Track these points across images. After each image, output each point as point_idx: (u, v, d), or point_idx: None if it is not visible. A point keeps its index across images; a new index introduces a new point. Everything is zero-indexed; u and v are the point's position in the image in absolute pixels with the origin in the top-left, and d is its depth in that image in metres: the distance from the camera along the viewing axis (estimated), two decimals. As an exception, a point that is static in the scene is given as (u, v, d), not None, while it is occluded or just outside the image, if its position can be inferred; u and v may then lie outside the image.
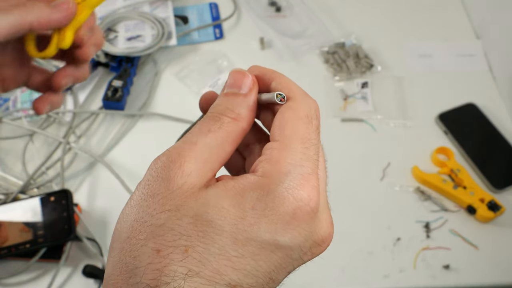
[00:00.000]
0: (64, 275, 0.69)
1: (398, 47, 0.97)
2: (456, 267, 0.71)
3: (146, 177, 0.26)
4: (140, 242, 0.24)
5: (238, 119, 0.28)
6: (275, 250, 0.24)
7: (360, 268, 0.71)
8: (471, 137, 0.84)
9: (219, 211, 0.24)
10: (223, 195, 0.25)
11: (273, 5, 1.02)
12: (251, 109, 0.29)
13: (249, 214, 0.24)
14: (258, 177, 0.26)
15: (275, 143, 0.27)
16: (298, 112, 0.28)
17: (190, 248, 0.23)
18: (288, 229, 0.25)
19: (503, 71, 0.91)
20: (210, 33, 0.98)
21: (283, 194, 0.25)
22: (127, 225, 0.25)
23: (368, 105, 0.88)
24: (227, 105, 0.28)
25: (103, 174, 0.78)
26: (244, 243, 0.24)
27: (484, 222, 0.75)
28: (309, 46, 0.96)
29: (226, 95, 0.29)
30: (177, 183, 0.25)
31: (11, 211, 0.69)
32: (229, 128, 0.27)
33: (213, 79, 0.90)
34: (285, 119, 0.27)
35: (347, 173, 0.80)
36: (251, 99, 0.29)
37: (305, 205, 0.25)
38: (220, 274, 0.23)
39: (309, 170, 0.26)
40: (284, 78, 0.30)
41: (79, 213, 0.71)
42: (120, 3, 0.96)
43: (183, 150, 0.26)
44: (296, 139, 0.27)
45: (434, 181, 0.77)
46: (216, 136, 0.27)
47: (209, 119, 0.28)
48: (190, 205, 0.24)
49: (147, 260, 0.23)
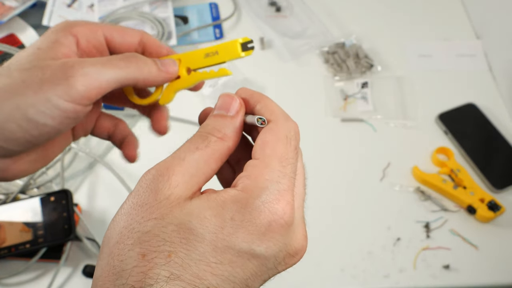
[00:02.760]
0: (64, 275, 0.69)
1: (398, 47, 0.97)
2: (456, 267, 0.71)
3: (136, 188, 0.28)
4: (127, 247, 0.26)
5: (224, 138, 0.30)
6: (251, 258, 0.27)
7: (360, 268, 0.71)
8: (471, 137, 0.84)
9: (201, 221, 0.26)
10: (206, 206, 0.27)
11: (273, 5, 1.02)
12: (237, 130, 0.31)
13: (228, 224, 0.26)
14: (238, 191, 0.28)
15: (255, 161, 0.29)
16: (278, 133, 0.30)
17: (173, 254, 0.25)
18: (263, 239, 0.27)
19: (503, 71, 0.91)
20: (210, 33, 0.98)
21: (260, 207, 0.27)
22: (116, 231, 0.27)
23: (368, 105, 0.88)
24: (215, 125, 0.31)
25: (103, 174, 0.78)
26: (223, 250, 0.26)
27: (484, 222, 0.75)
28: (309, 46, 0.96)
29: (214, 116, 0.32)
30: (164, 194, 0.27)
31: (11, 211, 0.69)
32: (215, 146, 0.30)
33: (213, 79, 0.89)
34: (266, 139, 0.30)
35: (347, 173, 0.80)
36: (238, 121, 0.32)
37: (280, 218, 0.27)
38: (199, 278, 0.25)
39: (285, 187, 0.28)
40: (269, 101, 0.32)
41: (79, 213, 0.71)
42: (120, 3, 0.96)
43: (172, 164, 0.28)
44: (275, 158, 0.29)
45: (434, 181, 0.77)
46: (203, 153, 0.29)
47: (198, 138, 0.30)
48: (175, 215, 0.27)
49: (133, 264, 0.25)
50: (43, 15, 0.91)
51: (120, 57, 0.34)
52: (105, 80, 0.33)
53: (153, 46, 0.38)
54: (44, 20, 0.91)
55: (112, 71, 0.33)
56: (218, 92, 0.88)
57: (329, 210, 0.76)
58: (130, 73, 0.34)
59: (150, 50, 0.38)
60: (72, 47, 0.35)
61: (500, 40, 0.93)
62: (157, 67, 0.35)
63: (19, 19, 0.89)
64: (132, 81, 0.34)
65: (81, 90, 0.32)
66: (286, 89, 0.90)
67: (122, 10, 0.94)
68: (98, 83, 0.32)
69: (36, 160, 0.36)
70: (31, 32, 0.88)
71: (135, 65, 0.34)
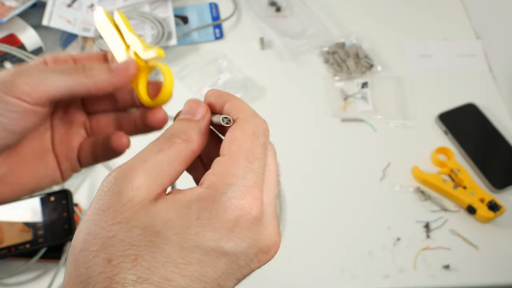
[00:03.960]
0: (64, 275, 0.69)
1: (398, 47, 0.97)
2: (456, 267, 0.71)
3: (98, 192, 0.28)
4: (92, 254, 0.25)
5: (189, 141, 0.30)
6: (220, 256, 0.26)
7: (360, 268, 0.71)
8: (471, 137, 0.84)
9: (166, 223, 0.26)
10: (171, 208, 0.27)
11: (273, 5, 1.02)
12: (202, 134, 0.31)
13: (194, 223, 0.26)
14: (204, 188, 0.28)
15: (222, 158, 0.29)
16: (245, 130, 0.30)
17: (139, 257, 0.25)
18: (231, 236, 0.26)
19: (503, 71, 0.91)
20: (210, 33, 0.98)
21: (226, 203, 0.27)
22: (80, 238, 0.26)
23: (368, 105, 0.88)
24: (180, 128, 0.31)
25: (103, 174, 0.78)
26: (190, 250, 0.25)
27: (484, 222, 0.75)
28: (309, 46, 0.96)
29: (180, 120, 0.32)
30: (127, 196, 0.27)
31: (11, 211, 0.69)
32: (179, 148, 0.30)
33: (213, 79, 0.90)
34: (234, 136, 0.30)
35: (347, 173, 0.80)
36: (203, 125, 0.32)
37: (247, 214, 0.27)
38: (168, 280, 0.25)
39: (251, 182, 0.28)
40: (237, 100, 0.32)
41: (79, 213, 0.71)
42: (120, 3, 0.96)
43: (134, 166, 0.28)
44: (242, 154, 0.29)
45: (434, 181, 0.77)
46: (166, 155, 0.29)
47: (162, 139, 0.30)
48: (140, 218, 0.26)
49: (99, 270, 0.25)
50: (43, 15, 0.91)
51: (69, 66, 0.35)
52: (51, 83, 0.33)
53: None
54: (44, 20, 0.91)
55: (60, 76, 0.33)
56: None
57: (329, 210, 0.76)
58: (79, 78, 0.34)
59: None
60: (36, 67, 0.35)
61: (500, 40, 0.93)
62: (108, 71, 0.34)
63: (19, 19, 0.89)
64: (83, 87, 0.34)
65: (24, 88, 0.32)
66: (286, 89, 0.90)
67: (122, 10, 0.94)
68: (44, 84, 0.33)
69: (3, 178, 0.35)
70: (31, 32, 0.88)
71: (82, 72, 0.34)
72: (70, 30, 0.92)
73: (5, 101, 0.32)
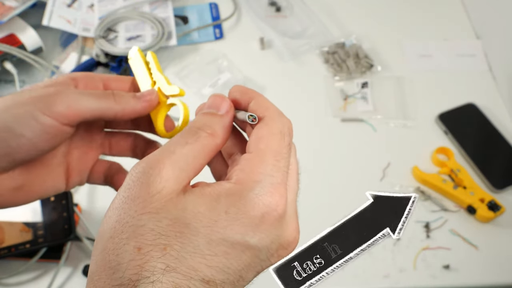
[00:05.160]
0: (64, 275, 0.69)
1: (398, 47, 0.97)
2: (456, 267, 0.71)
3: (126, 181, 0.28)
4: (122, 241, 0.26)
5: (214, 135, 0.31)
6: (245, 250, 0.27)
7: (360, 268, 0.71)
8: (471, 137, 0.84)
9: (195, 215, 0.27)
10: (200, 201, 0.28)
11: (273, 5, 1.02)
12: (226, 129, 0.32)
13: (223, 217, 0.27)
14: (232, 184, 0.29)
15: (250, 155, 0.30)
16: (272, 128, 0.31)
17: (168, 247, 0.26)
18: (257, 231, 0.27)
19: (503, 71, 0.91)
20: (210, 33, 0.98)
21: (253, 200, 0.28)
22: (109, 226, 0.27)
23: (368, 105, 0.88)
24: (205, 122, 0.32)
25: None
26: (218, 243, 0.27)
27: (484, 222, 0.75)
28: (309, 46, 0.96)
29: (205, 114, 0.33)
30: (156, 188, 0.27)
31: (11, 211, 0.69)
32: (204, 142, 0.30)
33: (213, 79, 0.90)
34: (261, 134, 0.30)
35: (347, 173, 0.80)
36: (227, 120, 0.32)
37: (273, 211, 0.28)
38: (195, 270, 0.26)
39: (278, 180, 0.29)
40: (263, 98, 0.33)
41: (79, 213, 0.71)
42: (120, 3, 0.96)
43: (162, 157, 0.29)
44: (269, 152, 0.30)
45: (434, 181, 0.77)
46: (192, 148, 0.30)
47: (188, 132, 0.31)
48: (169, 209, 0.27)
49: (129, 257, 0.25)
50: (43, 15, 0.91)
51: (100, 91, 0.37)
52: (85, 106, 0.35)
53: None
54: (44, 20, 0.91)
55: (93, 100, 0.36)
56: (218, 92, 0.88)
57: (329, 210, 0.76)
58: (109, 103, 0.36)
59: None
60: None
61: (500, 40, 0.93)
62: (134, 98, 0.38)
63: (19, 19, 0.89)
64: (112, 111, 0.37)
65: (60, 108, 0.34)
66: (286, 89, 0.90)
67: (122, 10, 0.94)
68: (78, 106, 0.35)
69: (18, 188, 0.37)
70: (31, 32, 0.88)
71: (112, 97, 0.37)
72: (70, 30, 0.92)
73: (42, 121, 0.34)
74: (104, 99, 0.36)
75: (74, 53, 0.91)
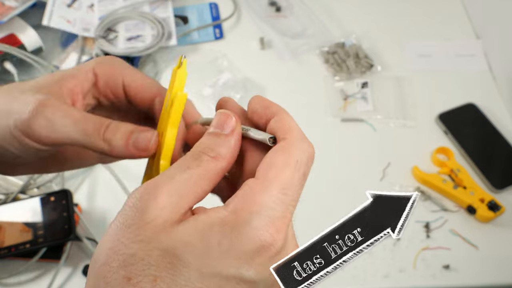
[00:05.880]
0: (64, 275, 0.69)
1: (398, 47, 0.97)
2: (456, 267, 0.71)
3: (124, 206, 0.27)
4: (112, 270, 0.25)
5: (218, 158, 0.29)
6: (240, 282, 0.26)
7: (360, 268, 0.71)
8: (471, 137, 0.84)
9: (186, 246, 0.26)
10: (192, 231, 0.26)
11: (273, 5, 1.02)
12: (232, 149, 0.30)
13: (215, 249, 0.26)
14: (228, 212, 0.27)
15: (255, 181, 0.28)
16: (289, 157, 0.28)
17: (158, 278, 0.25)
18: (252, 264, 0.26)
19: (503, 71, 0.91)
20: (210, 33, 0.98)
21: (248, 233, 0.26)
22: (103, 252, 0.26)
23: (368, 105, 0.88)
24: (208, 144, 0.30)
25: (103, 174, 0.78)
26: (210, 275, 0.25)
27: (484, 222, 0.75)
28: (309, 46, 0.96)
29: (208, 134, 0.30)
30: (151, 215, 0.26)
31: (11, 211, 0.69)
32: (207, 166, 0.29)
33: (213, 79, 0.90)
34: (274, 161, 0.28)
35: (347, 173, 0.80)
36: (233, 140, 0.30)
37: (270, 245, 0.26)
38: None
39: (278, 214, 0.27)
40: (286, 116, 0.30)
41: (79, 213, 0.71)
42: (120, 3, 0.96)
43: (160, 183, 0.27)
44: (277, 183, 0.27)
45: (434, 181, 0.77)
46: (193, 173, 0.28)
47: (190, 156, 0.29)
48: (161, 239, 0.26)
49: (118, 287, 0.25)
50: (43, 15, 0.91)
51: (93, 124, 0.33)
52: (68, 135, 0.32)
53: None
54: (44, 20, 0.91)
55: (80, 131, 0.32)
56: (218, 93, 0.88)
57: (329, 210, 0.76)
58: (95, 142, 0.33)
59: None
60: (86, 84, 0.35)
61: (500, 40, 0.93)
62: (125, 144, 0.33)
63: (19, 19, 0.89)
64: (99, 148, 0.33)
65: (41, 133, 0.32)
66: (286, 89, 0.90)
67: (122, 10, 0.94)
68: (60, 134, 0.32)
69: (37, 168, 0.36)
70: (31, 32, 0.88)
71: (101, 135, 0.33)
72: (70, 30, 0.92)
73: (23, 143, 0.32)
74: (92, 134, 0.32)
75: (74, 53, 0.91)
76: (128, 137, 0.33)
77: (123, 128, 0.33)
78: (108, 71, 0.36)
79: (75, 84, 0.35)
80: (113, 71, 0.36)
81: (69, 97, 0.35)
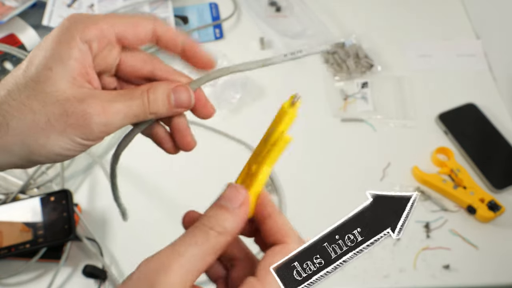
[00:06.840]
0: (64, 275, 0.69)
1: (398, 47, 0.97)
2: (456, 267, 0.71)
3: (135, 275, 0.29)
4: None
5: (224, 233, 0.30)
6: None
7: (360, 268, 0.71)
8: (471, 137, 0.84)
9: None
10: None
11: (273, 5, 1.02)
12: (238, 223, 0.31)
13: None
14: None
15: (254, 280, 0.30)
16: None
17: None
18: None
19: (503, 71, 0.91)
20: (210, 33, 0.98)
21: None
22: None
23: (368, 105, 0.88)
24: (217, 220, 0.31)
25: (103, 174, 0.78)
26: None
27: (484, 222, 0.75)
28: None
29: (218, 207, 0.32)
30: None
31: (11, 211, 0.69)
32: (214, 241, 0.30)
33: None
34: (274, 262, 0.29)
35: (347, 173, 0.80)
36: (240, 215, 0.31)
37: None
38: None
39: None
40: (281, 219, 0.32)
41: (79, 213, 0.71)
42: (120, 3, 0.96)
43: (171, 259, 0.29)
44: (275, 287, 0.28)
45: (434, 181, 0.77)
46: (201, 249, 0.30)
47: (199, 231, 0.31)
48: None
49: None
50: (43, 15, 0.91)
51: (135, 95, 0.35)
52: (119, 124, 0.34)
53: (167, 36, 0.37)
54: (44, 20, 0.91)
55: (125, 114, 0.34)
56: (218, 93, 0.87)
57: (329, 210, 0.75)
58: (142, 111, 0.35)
59: (166, 41, 0.37)
60: (86, 60, 0.34)
61: (500, 40, 0.93)
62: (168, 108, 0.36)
63: (19, 19, 0.89)
64: (143, 117, 0.35)
65: (97, 133, 0.33)
66: (286, 89, 0.90)
67: (122, 10, 0.94)
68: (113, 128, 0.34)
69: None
70: (31, 32, 0.88)
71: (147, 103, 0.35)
72: (70, 30, 0.91)
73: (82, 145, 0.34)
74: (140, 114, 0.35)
75: (74, 53, 0.91)
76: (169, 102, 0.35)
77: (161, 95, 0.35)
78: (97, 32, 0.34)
79: (81, 69, 0.34)
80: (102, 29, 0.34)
81: (86, 81, 0.34)
